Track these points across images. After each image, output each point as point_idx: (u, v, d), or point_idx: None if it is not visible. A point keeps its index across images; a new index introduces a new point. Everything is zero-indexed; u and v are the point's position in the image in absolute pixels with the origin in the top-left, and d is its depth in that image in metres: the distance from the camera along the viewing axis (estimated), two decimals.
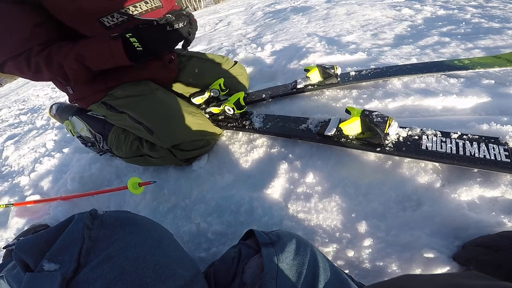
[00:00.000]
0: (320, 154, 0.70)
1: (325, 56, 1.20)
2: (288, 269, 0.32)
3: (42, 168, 1.20)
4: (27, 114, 2.49)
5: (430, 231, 0.48)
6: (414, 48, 1.18)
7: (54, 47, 0.63)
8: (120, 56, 0.65)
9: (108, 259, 0.31)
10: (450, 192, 0.51)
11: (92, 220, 0.35)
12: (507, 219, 0.46)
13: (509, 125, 0.58)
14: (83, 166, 1.03)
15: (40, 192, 1.06)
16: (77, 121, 0.89)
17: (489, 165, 0.49)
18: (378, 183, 0.57)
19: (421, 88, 0.80)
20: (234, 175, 0.76)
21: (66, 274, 0.29)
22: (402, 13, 1.80)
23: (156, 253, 0.34)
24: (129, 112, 0.75)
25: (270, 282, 0.31)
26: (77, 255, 0.31)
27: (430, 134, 0.58)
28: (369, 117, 0.59)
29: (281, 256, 0.33)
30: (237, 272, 0.36)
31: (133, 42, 0.64)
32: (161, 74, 0.86)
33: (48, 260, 0.32)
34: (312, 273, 0.33)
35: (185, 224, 0.68)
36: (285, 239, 0.36)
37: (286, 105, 0.94)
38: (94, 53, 0.64)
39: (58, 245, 0.33)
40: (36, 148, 1.51)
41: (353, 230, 0.52)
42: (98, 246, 0.32)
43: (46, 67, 0.62)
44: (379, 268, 0.48)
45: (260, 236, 0.37)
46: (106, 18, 0.67)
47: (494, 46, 1.06)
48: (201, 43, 2.38)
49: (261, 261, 0.33)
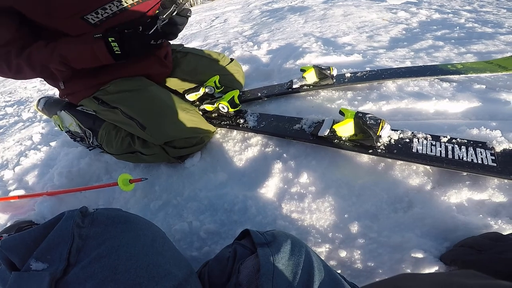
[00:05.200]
0: (315, 154, 0.70)
1: (321, 56, 1.21)
2: (284, 269, 0.32)
3: (28, 162, 1.15)
4: (13, 106, 2.40)
5: (421, 232, 0.49)
6: (409, 51, 1.21)
7: (34, 48, 0.63)
8: (104, 57, 0.67)
9: (99, 258, 0.30)
10: (440, 194, 0.52)
11: (82, 218, 0.34)
12: (493, 221, 0.47)
13: (498, 130, 0.60)
14: (71, 160, 1.00)
15: (24, 187, 1.02)
16: (66, 116, 0.86)
17: (476, 169, 0.51)
18: (371, 185, 0.58)
19: (414, 91, 0.82)
20: (227, 174, 0.76)
21: (55, 274, 0.29)
22: (398, 16, 1.82)
23: (149, 252, 0.33)
24: (121, 107, 0.73)
25: (267, 282, 0.31)
26: (67, 254, 0.30)
27: (420, 137, 0.59)
28: (363, 119, 0.60)
29: (277, 257, 0.33)
30: (232, 272, 0.36)
31: (114, 46, 0.65)
32: (156, 70, 0.84)
33: (36, 259, 0.31)
34: (307, 273, 0.33)
35: (177, 222, 0.67)
36: (280, 239, 0.36)
37: (281, 105, 0.94)
38: (78, 55, 0.65)
39: (47, 244, 0.32)
40: (22, 141, 1.45)
41: (346, 231, 0.53)
42: (88, 244, 0.32)
43: (29, 68, 0.63)
44: (371, 268, 0.48)
45: (256, 236, 0.37)
46: (90, 15, 0.64)
47: (486, 51, 1.09)
48: (196, 40, 2.36)
49: (257, 261, 0.33)
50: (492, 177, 0.51)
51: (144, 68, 0.81)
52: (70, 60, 0.65)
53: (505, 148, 0.54)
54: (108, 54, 0.66)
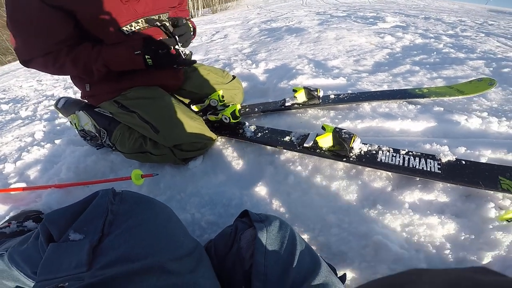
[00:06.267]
0: (300, 161, 0.82)
1: (311, 78, 1.35)
2: (274, 238, 0.42)
3: (30, 157, 1.19)
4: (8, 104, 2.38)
5: (382, 224, 0.62)
6: (388, 76, 1.33)
7: (81, 49, 0.73)
8: (139, 66, 0.80)
9: (129, 229, 0.35)
10: (397, 195, 0.66)
11: (113, 196, 0.40)
12: (437, 216, 0.60)
13: (446, 145, 0.75)
14: (78, 157, 1.05)
15: (26, 180, 1.05)
16: (83, 116, 0.96)
17: (425, 175, 0.65)
18: (344, 186, 0.71)
19: (385, 112, 0.96)
20: (226, 175, 0.85)
21: (93, 242, 0.33)
22: (385, 40, 1.95)
23: (167, 226, 0.40)
24: (139, 112, 0.84)
25: (261, 246, 0.41)
26: (102, 225, 0.35)
27: (384, 150, 0.73)
28: (339, 133, 0.74)
29: (269, 228, 0.43)
30: (234, 242, 0.45)
31: (147, 59, 0.79)
32: (169, 81, 0.96)
33: (74, 230, 0.35)
34: (291, 244, 0.43)
35: (180, 214, 0.75)
36: (271, 218, 0.47)
37: (274, 119, 1.06)
38: (119, 62, 0.78)
39: (84, 217, 0.36)
40: (22, 137, 1.46)
41: (323, 222, 0.65)
42: (119, 219, 0.37)
43: (72, 66, 0.72)
44: (343, 252, 0.59)
45: (253, 215, 0.47)
46: (125, 27, 0.78)
47: (454, 76, 1.23)
48: (198, 53, 2.47)
49: (254, 232, 0.43)
50: (437, 182, 0.65)
51: (160, 79, 0.92)
52: (111, 64, 0.77)
53: (449, 159, 0.68)
54: (143, 65, 0.80)
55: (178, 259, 0.36)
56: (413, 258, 0.55)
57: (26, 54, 0.73)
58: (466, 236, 0.57)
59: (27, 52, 0.72)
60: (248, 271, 0.41)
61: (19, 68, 4.65)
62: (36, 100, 2.22)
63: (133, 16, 0.77)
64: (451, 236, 0.58)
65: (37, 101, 2.17)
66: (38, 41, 0.69)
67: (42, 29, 0.68)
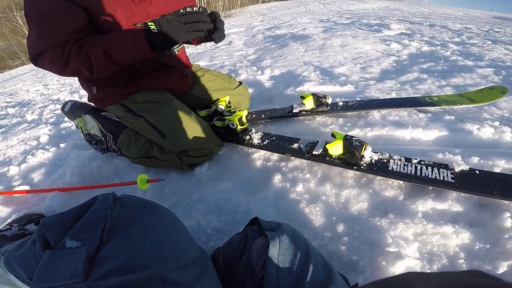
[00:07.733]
0: (309, 169, 0.81)
1: (318, 85, 1.34)
2: (287, 248, 0.41)
3: (35, 160, 1.19)
4: (15, 108, 2.42)
5: (394, 233, 0.60)
6: (396, 84, 1.32)
7: (87, 39, 0.71)
8: (142, 44, 0.68)
9: (130, 236, 0.34)
10: (410, 204, 0.64)
11: (114, 201, 0.37)
12: (451, 226, 0.58)
13: (459, 155, 0.74)
14: (83, 161, 1.06)
15: (29, 183, 1.05)
16: (89, 120, 0.96)
17: (439, 184, 0.63)
18: (355, 195, 0.69)
19: (395, 120, 0.95)
20: (233, 182, 0.84)
21: (90, 250, 0.31)
22: (391, 48, 1.93)
23: (171, 233, 0.38)
24: (146, 116, 0.84)
25: (273, 256, 0.39)
26: (101, 232, 0.33)
27: (396, 158, 0.72)
28: (350, 141, 0.72)
29: (281, 238, 0.41)
30: (244, 250, 0.44)
31: (150, 25, 0.67)
32: (177, 86, 0.96)
33: (71, 237, 0.33)
34: (305, 254, 0.41)
35: (186, 220, 0.74)
36: (284, 226, 0.45)
37: (281, 126, 1.06)
38: (118, 40, 0.70)
39: (82, 223, 0.34)
40: (27, 140, 1.47)
41: (333, 231, 0.63)
42: (119, 225, 0.35)
43: (75, 55, 0.69)
44: (354, 261, 0.57)
45: (264, 223, 0.45)
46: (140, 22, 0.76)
47: (463, 84, 1.21)
48: (203, 59, 2.50)
49: (266, 240, 0.41)
50: (451, 191, 0.64)
51: (168, 83, 0.92)
52: (109, 45, 0.68)
53: (463, 169, 0.66)
54: (143, 37, 0.67)
55: (181, 268, 0.35)
56: (426, 267, 0.54)
57: (39, 45, 0.71)
58: (481, 246, 0.55)
59: (40, 43, 0.71)
60: (259, 282, 0.39)
61: (26, 72, 4.74)
62: (42, 104, 2.25)
63: (144, 17, 0.77)
64: (465, 246, 0.56)
65: (43, 105, 2.20)
66: (51, 32, 0.69)
67: (56, 20, 0.68)
